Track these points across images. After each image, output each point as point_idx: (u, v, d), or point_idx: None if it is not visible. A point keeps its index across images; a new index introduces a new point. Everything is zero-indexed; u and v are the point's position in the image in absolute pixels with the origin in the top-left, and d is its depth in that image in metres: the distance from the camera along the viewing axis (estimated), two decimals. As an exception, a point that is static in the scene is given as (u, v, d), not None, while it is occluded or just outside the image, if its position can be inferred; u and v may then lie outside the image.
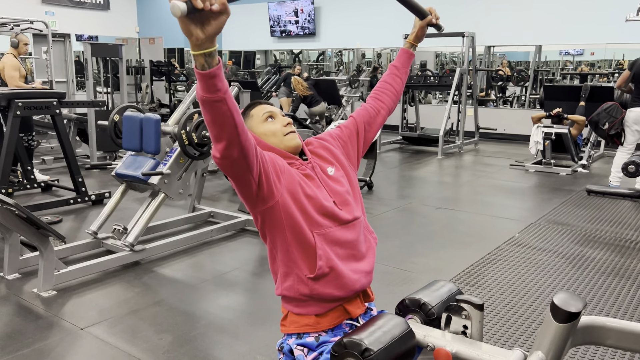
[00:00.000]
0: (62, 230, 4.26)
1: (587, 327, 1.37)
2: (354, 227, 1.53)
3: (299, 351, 1.48)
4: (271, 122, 1.52)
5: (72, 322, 2.79)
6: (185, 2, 0.94)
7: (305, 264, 1.43)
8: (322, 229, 1.44)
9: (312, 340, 1.47)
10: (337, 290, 1.46)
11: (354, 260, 1.51)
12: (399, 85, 1.82)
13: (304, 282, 1.44)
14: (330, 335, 1.48)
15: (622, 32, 9.03)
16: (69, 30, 11.59)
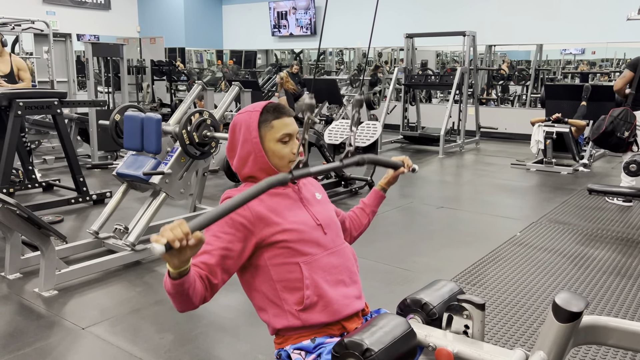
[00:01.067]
0: (63, 229, 4.26)
1: (589, 326, 1.36)
2: (340, 253, 1.56)
3: (297, 355, 1.49)
4: (284, 145, 1.54)
5: (73, 322, 2.80)
6: (164, 244, 1.07)
7: (293, 297, 1.47)
8: (307, 257, 1.48)
9: (308, 342, 1.48)
10: (327, 317, 1.48)
11: (343, 285, 1.53)
12: (365, 222, 1.90)
13: (295, 316, 1.47)
14: (325, 338, 1.49)
15: (623, 31, 9.02)
16: (70, 30, 11.58)
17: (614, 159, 8.09)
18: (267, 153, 1.53)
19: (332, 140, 5.83)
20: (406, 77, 9.32)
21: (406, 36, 9.26)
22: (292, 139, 1.55)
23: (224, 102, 4.30)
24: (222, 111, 4.25)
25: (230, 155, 1.62)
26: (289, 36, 13.42)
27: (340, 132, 5.94)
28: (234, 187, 5.79)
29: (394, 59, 13.24)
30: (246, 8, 14.14)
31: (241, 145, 1.56)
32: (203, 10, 14.38)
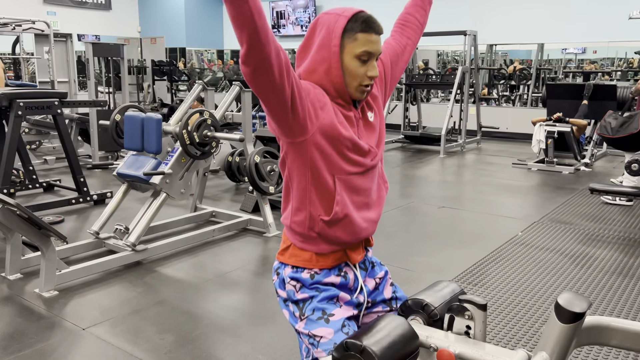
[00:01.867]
0: (63, 230, 4.26)
1: (592, 327, 1.35)
2: (372, 175, 1.51)
3: (291, 286, 1.48)
4: (361, 64, 1.39)
5: (73, 322, 2.79)
6: None
7: (322, 204, 1.42)
8: (344, 175, 1.42)
9: (307, 277, 1.47)
10: (345, 235, 1.46)
11: (366, 208, 1.50)
12: (423, 18, 1.71)
13: (316, 222, 1.43)
14: (323, 276, 1.48)
15: (624, 30, 9.00)
16: (70, 30, 11.61)
17: (616, 158, 8.08)
18: (341, 65, 1.38)
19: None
20: (407, 76, 9.31)
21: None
22: (371, 60, 1.39)
23: (224, 102, 4.30)
24: (223, 111, 4.24)
25: (301, 56, 1.44)
26: (289, 36, 13.41)
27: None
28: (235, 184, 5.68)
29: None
30: (247, 8, 14.13)
31: (317, 50, 1.39)
32: (204, 10, 14.39)
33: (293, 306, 1.50)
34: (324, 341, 1.43)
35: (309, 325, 1.46)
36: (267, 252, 3.98)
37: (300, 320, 1.48)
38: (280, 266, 1.53)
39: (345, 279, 1.52)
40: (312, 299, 1.46)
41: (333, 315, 1.45)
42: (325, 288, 1.48)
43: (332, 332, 1.43)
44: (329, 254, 1.49)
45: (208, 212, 4.65)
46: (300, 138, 1.35)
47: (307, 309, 1.46)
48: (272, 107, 1.28)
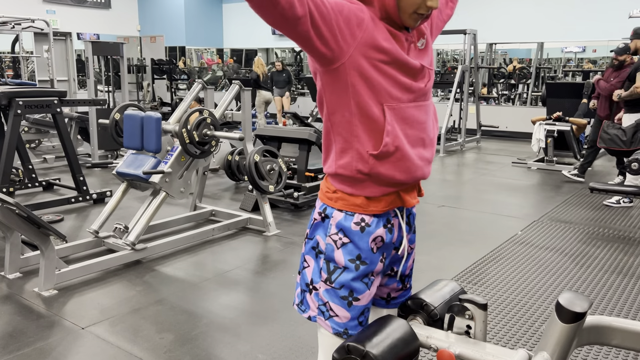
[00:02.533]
0: (63, 229, 4.25)
1: (593, 327, 1.35)
2: (427, 109, 1.37)
3: (332, 240, 1.35)
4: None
5: (73, 322, 2.79)
6: None
7: (369, 138, 1.29)
8: (394, 102, 1.28)
9: (357, 229, 1.34)
10: (399, 173, 1.33)
11: (421, 145, 1.36)
12: None
13: (364, 160, 1.29)
14: (374, 226, 1.36)
15: (624, 29, 8.98)
16: (70, 28, 11.59)
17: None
18: None
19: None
20: (407, 75, 9.29)
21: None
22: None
23: (224, 101, 4.29)
24: (222, 110, 4.24)
25: None
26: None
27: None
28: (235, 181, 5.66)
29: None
30: (246, 6, 14.01)
31: None
32: (203, 9, 14.37)
33: (324, 263, 1.37)
34: (337, 320, 1.36)
35: (331, 296, 1.36)
36: (266, 251, 3.97)
37: (325, 283, 1.37)
38: (328, 209, 1.38)
39: (390, 233, 1.40)
40: (346, 270, 1.34)
41: (358, 300, 1.36)
42: (366, 257, 1.35)
43: (348, 317, 1.36)
44: (382, 197, 1.36)
45: (208, 211, 4.65)
46: (336, 63, 1.23)
47: (337, 280, 1.35)
48: (294, 37, 1.18)
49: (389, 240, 1.40)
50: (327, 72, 1.26)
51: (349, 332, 1.36)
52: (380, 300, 1.54)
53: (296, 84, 13.70)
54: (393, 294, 1.55)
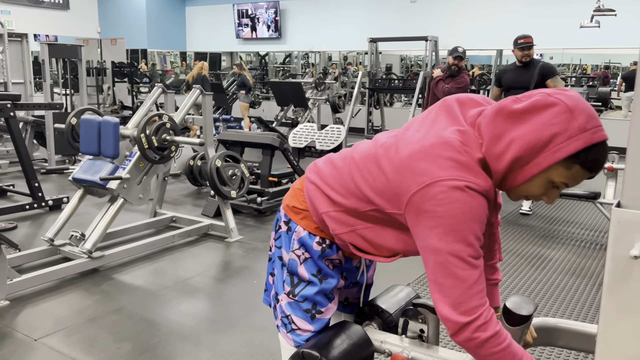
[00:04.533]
0: (16, 237, 4.12)
1: (540, 328, 1.40)
2: None
3: (295, 255, 1.36)
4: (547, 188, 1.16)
5: (25, 333, 2.70)
6: None
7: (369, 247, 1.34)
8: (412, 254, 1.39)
9: (318, 249, 1.35)
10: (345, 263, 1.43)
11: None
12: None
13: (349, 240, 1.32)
14: (334, 250, 1.37)
15: (577, 38, 9.34)
16: (26, 29, 11.24)
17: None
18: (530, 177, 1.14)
19: (296, 144, 5.82)
20: (370, 81, 9.39)
21: (370, 40, 9.34)
22: (557, 190, 1.17)
23: (184, 106, 4.25)
24: (182, 115, 4.19)
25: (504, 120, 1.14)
26: (253, 39, 13.36)
27: (305, 135, 5.94)
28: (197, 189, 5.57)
29: (359, 62, 13.34)
30: (210, 9, 14.02)
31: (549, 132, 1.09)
32: (166, 11, 14.18)
33: (287, 276, 1.38)
34: (298, 332, 1.36)
35: (293, 309, 1.37)
36: (228, 257, 3.94)
37: (287, 296, 1.38)
38: (293, 225, 1.39)
39: (349, 257, 1.43)
40: (310, 285, 1.35)
41: (322, 313, 1.37)
42: (327, 273, 1.37)
43: (311, 330, 1.36)
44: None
45: (168, 217, 4.58)
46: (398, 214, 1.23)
47: (300, 294, 1.36)
48: None
49: (350, 265, 1.45)
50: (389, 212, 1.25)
51: None
52: (338, 304, 1.55)
53: (260, 87, 13.66)
54: (351, 299, 1.57)
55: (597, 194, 4.04)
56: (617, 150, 4.81)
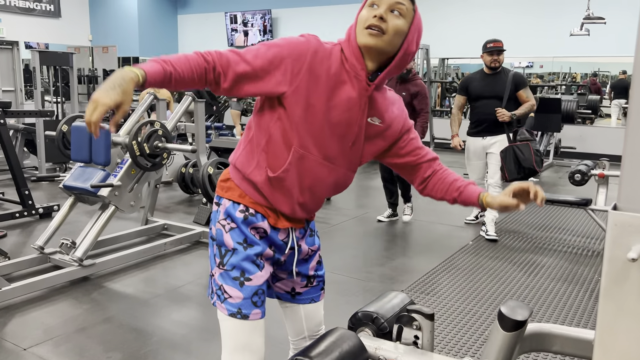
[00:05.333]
0: (6, 245, 4.07)
1: (534, 334, 1.39)
2: (334, 170, 1.47)
3: (220, 225, 1.47)
4: (370, 9, 1.37)
5: (14, 343, 2.66)
6: None
7: (270, 162, 1.42)
8: (300, 151, 1.40)
9: (241, 216, 1.46)
10: (278, 202, 1.46)
11: (309, 194, 1.48)
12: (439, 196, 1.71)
13: (259, 172, 1.43)
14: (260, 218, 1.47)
15: (567, 46, 9.43)
16: (17, 37, 11.20)
17: (561, 168, 8.40)
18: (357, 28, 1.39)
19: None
20: (362, 88, 9.43)
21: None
22: (381, 6, 1.35)
23: (176, 113, 4.23)
24: (175, 122, 4.17)
25: None
26: (246, 46, 13.38)
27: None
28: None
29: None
30: (202, 17, 14.03)
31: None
32: (158, 19, 14.17)
33: (216, 249, 1.48)
34: (230, 301, 1.45)
35: (224, 278, 1.45)
36: (220, 265, 3.91)
37: (218, 268, 1.47)
38: (220, 199, 1.52)
39: (275, 230, 1.50)
40: (235, 252, 1.45)
41: (250, 280, 1.45)
42: (253, 241, 1.46)
43: (241, 297, 1.44)
44: (263, 206, 1.48)
45: (160, 225, 4.55)
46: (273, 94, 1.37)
47: (228, 262, 1.45)
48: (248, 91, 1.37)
49: (276, 236, 1.51)
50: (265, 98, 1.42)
51: (242, 312, 1.44)
52: (286, 295, 1.64)
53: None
54: (298, 289, 1.63)
55: (588, 200, 4.06)
56: (607, 157, 4.86)
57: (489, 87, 4.43)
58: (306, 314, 1.66)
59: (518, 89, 4.40)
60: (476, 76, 4.59)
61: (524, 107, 4.39)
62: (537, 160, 4.28)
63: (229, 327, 1.47)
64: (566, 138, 9.05)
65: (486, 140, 4.51)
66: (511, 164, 4.30)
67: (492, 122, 4.40)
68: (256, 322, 1.47)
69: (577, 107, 8.64)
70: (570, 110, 8.20)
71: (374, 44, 1.36)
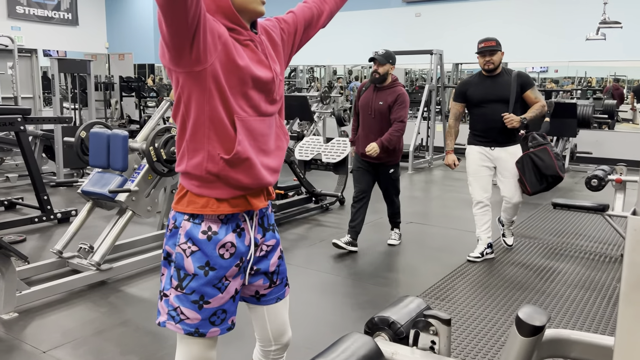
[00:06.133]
0: (25, 249, 4.14)
1: (552, 340, 1.39)
2: (269, 122, 1.49)
3: (181, 249, 1.44)
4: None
5: (33, 345, 2.70)
6: None
7: (221, 144, 1.39)
8: (242, 115, 1.39)
9: (204, 238, 1.43)
10: (246, 178, 1.43)
11: (264, 154, 1.47)
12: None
13: (214, 161, 1.39)
14: (222, 234, 1.45)
15: (583, 51, 9.35)
16: (35, 45, 11.41)
17: (577, 174, 8.32)
18: None
19: (302, 157, 5.84)
20: (376, 94, 9.42)
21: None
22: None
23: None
24: (191, 128, 4.21)
25: None
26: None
27: (310, 148, 5.96)
28: None
29: (364, 76, 13.41)
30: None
31: None
32: (173, 27, 14.33)
33: (174, 271, 1.45)
34: (187, 322, 1.45)
35: (181, 301, 1.44)
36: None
37: (175, 290, 1.45)
38: (177, 216, 1.46)
39: (241, 237, 1.49)
40: (196, 277, 1.43)
41: (209, 303, 1.45)
42: (216, 263, 1.43)
43: (199, 319, 1.45)
44: (229, 199, 1.45)
45: (176, 230, 4.58)
46: (198, 67, 1.31)
47: (188, 287, 1.43)
48: (173, 32, 1.25)
49: (242, 243, 1.49)
50: (188, 75, 1.34)
51: (200, 331, 1.46)
52: (251, 298, 1.63)
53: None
54: (262, 292, 1.61)
55: (605, 206, 4.02)
56: (625, 162, 4.81)
57: (492, 90, 3.90)
58: (270, 314, 1.65)
59: (525, 89, 3.89)
60: (474, 79, 4.06)
61: (534, 110, 3.85)
62: (560, 165, 3.85)
63: (185, 343, 1.50)
64: (582, 143, 8.97)
65: (495, 152, 3.95)
66: (531, 174, 3.84)
67: (499, 131, 3.86)
68: (212, 339, 1.52)
69: (593, 112, 8.56)
70: (586, 115, 8.12)
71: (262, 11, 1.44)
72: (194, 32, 1.26)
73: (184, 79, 1.35)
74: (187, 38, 1.26)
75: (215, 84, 1.34)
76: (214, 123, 1.37)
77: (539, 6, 9.96)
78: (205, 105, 1.36)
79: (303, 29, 1.64)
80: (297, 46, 1.66)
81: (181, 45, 1.28)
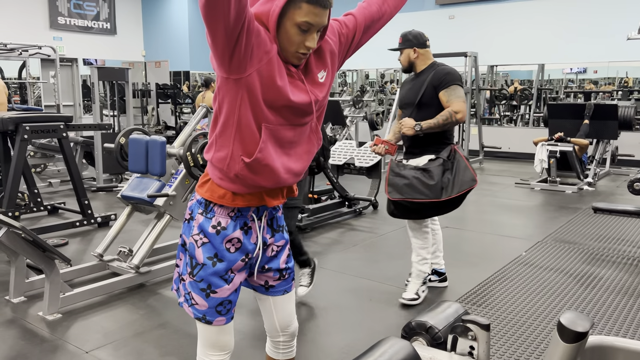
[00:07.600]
0: (68, 252, 4.27)
1: (595, 347, 1.35)
2: (302, 129, 1.54)
3: (193, 240, 1.56)
4: (300, 32, 1.40)
5: (77, 345, 2.78)
6: None
7: (244, 147, 1.46)
8: (272, 124, 1.45)
9: (213, 232, 1.54)
10: (265, 181, 1.51)
11: (289, 159, 1.53)
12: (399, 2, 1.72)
13: (236, 161, 1.47)
14: (230, 230, 1.54)
15: (624, 50, 9.08)
16: (76, 54, 11.76)
17: (619, 177, 8.08)
18: (280, 31, 1.40)
19: (335, 161, 5.85)
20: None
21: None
22: (311, 32, 1.41)
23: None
24: (226, 133, 4.27)
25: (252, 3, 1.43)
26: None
27: (343, 152, 5.96)
28: None
29: (397, 79, 13.34)
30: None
31: (262, 2, 1.42)
32: (207, 34, 14.57)
33: (188, 259, 1.58)
34: (196, 307, 1.58)
35: (193, 287, 1.57)
36: (270, 273, 3.96)
37: (189, 276, 1.58)
38: (194, 207, 1.58)
39: (248, 234, 1.58)
40: (204, 267, 1.54)
41: (216, 293, 1.56)
42: (224, 256, 1.54)
43: (206, 306, 1.57)
44: (245, 195, 1.54)
45: (211, 234, 4.65)
46: (235, 75, 1.38)
47: (198, 274, 1.55)
48: (218, 36, 1.30)
49: (248, 240, 1.59)
50: (226, 80, 1.41)
51: (207, 318, 1.58)
52: (261, 287, 1.73)
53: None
54: (271, 282, 1.72)
55: (649, 210, 3.89)
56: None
57: (408, 93, 3.29)
58: (277, 305, 1.74)
59: (438, 90, 3.14)
60: (407, 79, 3.43)
61: (438, 116, 3.09)
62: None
63: (199, 327, 1.63)
64: (624, 145, 8.70)
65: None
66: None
67: (410, 140, 3.25)
68: (221, 326, 1.62)
69: (635, 114, 8.30)
70: (628, 116, 7.87)
71: (299, 63, 1.48)
72: (234, 44, 1.32)
73: (222, 82, 1.44)
74: (227, 49, 1.34)
75: (248, 94, 1.41)
76: (241, 127, 1.45)
77: (577, 6, 9.74)
78: (235, 110, 1.44)
79: (362, 33, 1.65)
80: (353, 50, 1.67)
81: (222, 53, 1.36)
